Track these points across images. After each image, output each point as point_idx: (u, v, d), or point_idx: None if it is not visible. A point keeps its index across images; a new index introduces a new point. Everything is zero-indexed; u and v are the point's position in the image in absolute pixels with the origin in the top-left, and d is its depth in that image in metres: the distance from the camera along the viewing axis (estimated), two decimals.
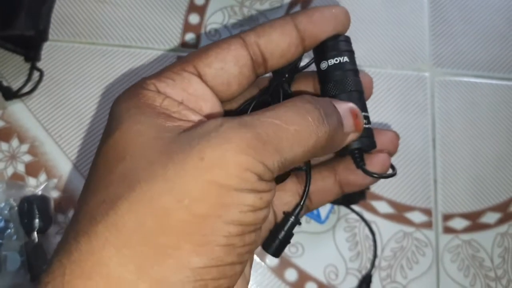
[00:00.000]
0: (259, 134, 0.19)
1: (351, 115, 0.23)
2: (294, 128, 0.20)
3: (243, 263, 0.20)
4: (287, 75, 0.25)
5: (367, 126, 0.25)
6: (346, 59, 0.25)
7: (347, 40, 0.25)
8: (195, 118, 0.21)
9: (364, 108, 0.25)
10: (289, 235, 0.26)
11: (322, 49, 0.25)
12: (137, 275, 0.17)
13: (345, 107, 0.23)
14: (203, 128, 0.19)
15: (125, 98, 0.22)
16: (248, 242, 0.19)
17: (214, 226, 0.18)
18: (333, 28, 0.24)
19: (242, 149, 0.18)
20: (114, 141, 0.20)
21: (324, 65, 0.25)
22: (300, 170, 0.27)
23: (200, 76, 0.22)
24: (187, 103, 0.22)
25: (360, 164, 0.25)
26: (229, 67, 0.22)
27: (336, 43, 0.24)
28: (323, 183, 0.27)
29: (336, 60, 0.24)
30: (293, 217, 0.26)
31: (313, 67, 0.27)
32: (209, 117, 0.22)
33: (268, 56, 0.23)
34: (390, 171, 0.27)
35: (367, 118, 0.25)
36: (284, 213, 0.27)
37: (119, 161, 0.19)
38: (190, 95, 0.22)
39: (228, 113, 0.25)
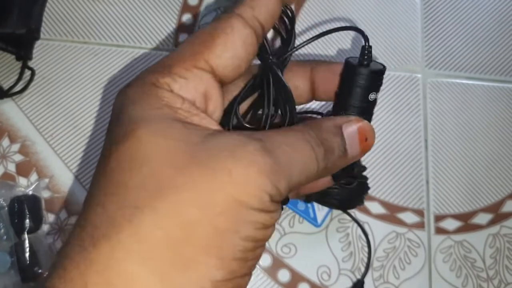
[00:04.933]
0: (277, 159, 0.20)
1: (359, 140, 0.24)
2: (303, 159, 0.21)
3: (251, 274, 0.21)
4: (271, 58, 0.25)
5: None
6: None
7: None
8: (211, 124, 0.21)
9: None
10: None
11: (373, 79, 0.25)
12: (160, 287, 0.18)
13: (352, 130, 0.24)
14: (229, 141, 0.20)
15: (139, 96, 0.21)
16: (258, 256, 0.21)
17: (233, 241, 0.19)
18: None
19: (264, 173, 0.19)
20: (134, 143, 0.19)
21: (373, 96, 0.25)
22: None
23: (212, 71, 0.22)
24: (198, 104, 0.21)
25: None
26: (239, 53, 0.22)
27: (381, 76, 0.26)
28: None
29: (376, 95, 0.26)
30: None
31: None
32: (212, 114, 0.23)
33: (265, 24, 0.23)
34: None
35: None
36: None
37: (141, 165, 0.19)
38: (201, 95, 0.22)
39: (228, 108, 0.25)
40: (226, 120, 0.24)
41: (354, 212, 0.49)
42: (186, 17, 0.55)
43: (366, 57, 0.25)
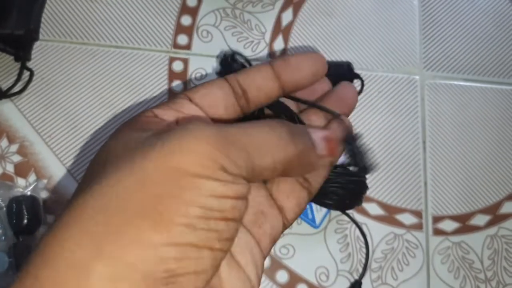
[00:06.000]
0: (225, 132, 0.20)
1: (324, 140, 0.25)
2: (262, 136, 0.22)
3: (214, 252, 0.19)
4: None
5: None
6: None
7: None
8: None
9: None
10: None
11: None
12: (93, 255, 0.18)
13: (318, 134, 0.25)
14: (173, 127, 0.21)
15: (123, 124, 0.23)
16: (215, 228, 0.19)
17: (172, 205, 0.18)
18: (308, 71, 0.26)
19: (203, 140, 0.19)
20: (101, 150, 0.22)
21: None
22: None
23: (190, 99, 0.24)
24: (182, 121, 0.23)
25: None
26: (214, 91, 0.25)
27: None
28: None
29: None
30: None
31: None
32: None
33: (246, 87, 0.25)
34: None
35: None
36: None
37: (99, 165, 0.21)
38: (185, 115, 0.24)
39: None
40: None
41: (352, 213, 0.49)
42: (185, 19, 0.55)
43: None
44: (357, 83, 0.53)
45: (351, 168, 0.26)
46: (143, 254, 0.18)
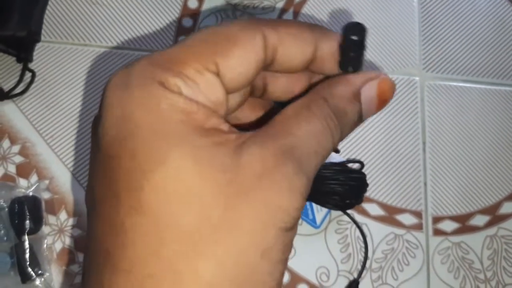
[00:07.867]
0: (301, 171, 0.19)
1: (377, 103, 0.22)
2: (324, 145, 0.20)
3: None
4: None
5: None
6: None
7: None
8: (225, 126, 0.19)
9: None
10: None
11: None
12: None
13: (371, 95, 0.21)
14: (261, 163, 0.18)
15: (148, 101, 0.18)
16: None
17: (281, 267, 0.19)
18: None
19: (300, 193, 0.19)
20: (171, 173, 0.17)
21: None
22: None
23: (219, 76, 0.19)
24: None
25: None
26: (249, 73, 0.20)
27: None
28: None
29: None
30: None
31: None
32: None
33: (276, 60, 0.21)
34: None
35: None
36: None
37: (187, 200, 0.18)
38: (212, 103, 0.19)
39: None
40: None
41: (353, 213, 0.49)
42: (186, 20, 0.55)
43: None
44: None
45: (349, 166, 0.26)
46: None
